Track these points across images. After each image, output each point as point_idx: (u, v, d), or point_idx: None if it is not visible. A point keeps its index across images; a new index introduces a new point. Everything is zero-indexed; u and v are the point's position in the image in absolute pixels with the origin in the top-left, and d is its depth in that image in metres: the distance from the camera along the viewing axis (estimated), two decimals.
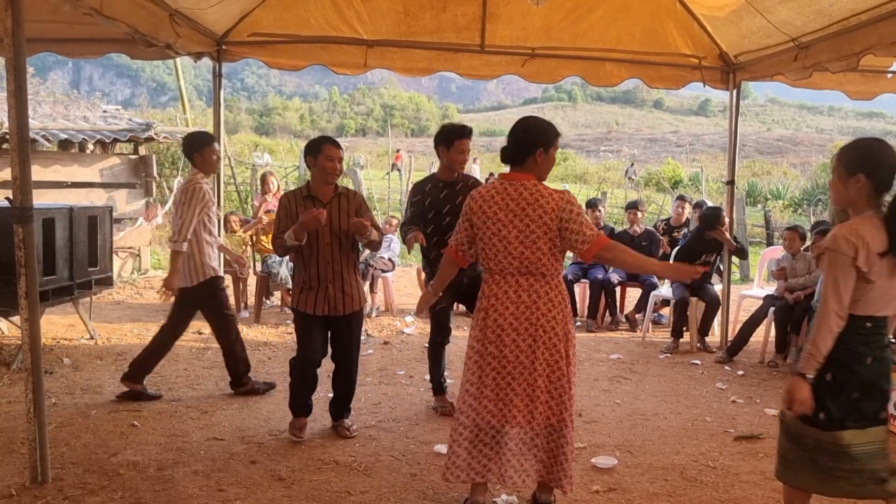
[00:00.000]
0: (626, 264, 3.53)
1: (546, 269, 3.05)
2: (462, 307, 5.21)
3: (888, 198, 2.60)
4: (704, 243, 6.70)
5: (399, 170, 17.45)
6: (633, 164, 33.49)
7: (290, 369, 4.25)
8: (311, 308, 4.06)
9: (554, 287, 3.09)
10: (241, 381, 4.97)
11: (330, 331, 4.18)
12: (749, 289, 8.10)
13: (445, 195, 4.53)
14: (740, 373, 5.91)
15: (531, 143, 3.09)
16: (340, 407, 4.34)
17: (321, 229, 3.94)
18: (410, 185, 21.07)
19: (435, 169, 5.15)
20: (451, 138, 4.52)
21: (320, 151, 4.02)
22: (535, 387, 3.07)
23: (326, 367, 4.28)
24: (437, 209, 4.53)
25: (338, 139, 4.30)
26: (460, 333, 6.76)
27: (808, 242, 6.72)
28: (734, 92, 6.72)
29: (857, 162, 2.59)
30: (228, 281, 7.39)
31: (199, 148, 4.72)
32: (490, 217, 3.06)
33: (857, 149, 2.64)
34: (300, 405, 4.25)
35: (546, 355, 3.08)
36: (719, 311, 6.89)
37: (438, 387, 4.78)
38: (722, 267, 7.08)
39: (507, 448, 3.09)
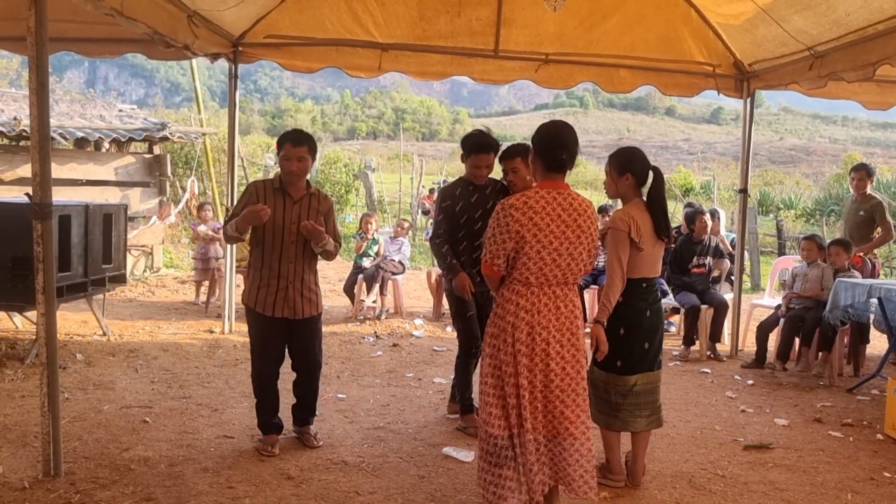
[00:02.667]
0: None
1: (577, 279, 3.10)
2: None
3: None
4: (693, 248, 6.75)
5: (427, 212, 17.43)
6: None
7: (252, 386, 4.02)
8: (269, 310, 3.83)
9: (577, 296, 3.15)
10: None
11: (289, 336, 3.95)
12: (760, 297, 8.07)
13: (476, 199, 4.32)
14: (750, 382, 5.89)
15: (575, 152, 3.10)
16: (305, 413, 4.13)
17: (288, 226, 3.77)
18: (421, 189, 21.05)
19: (444, 173, 5.13)
20: (469, 151, 4.27)
21: (280, 150, 3.83)
22: (579, 395, 3.07)
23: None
24: (468, 214, 4.31)
25: (349, 141, 4.25)
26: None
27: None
28: (748, 100, 6.71)
29: (626, 165, 3.52)
30: (239, 280, 7.44)
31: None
32: (542, 228, 2.94)
33: (624, 155, 3.57)
34: (269, 424, 4.02)
35: (581, 364, 3.09)
36: (729, 319, 6.87)
37: (467, 405, 4.48)
38: (733, 277, 7.06)
39: (567, 455, 3.01)
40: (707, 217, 6.88)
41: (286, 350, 4.02)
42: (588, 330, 3.66)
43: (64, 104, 10.87)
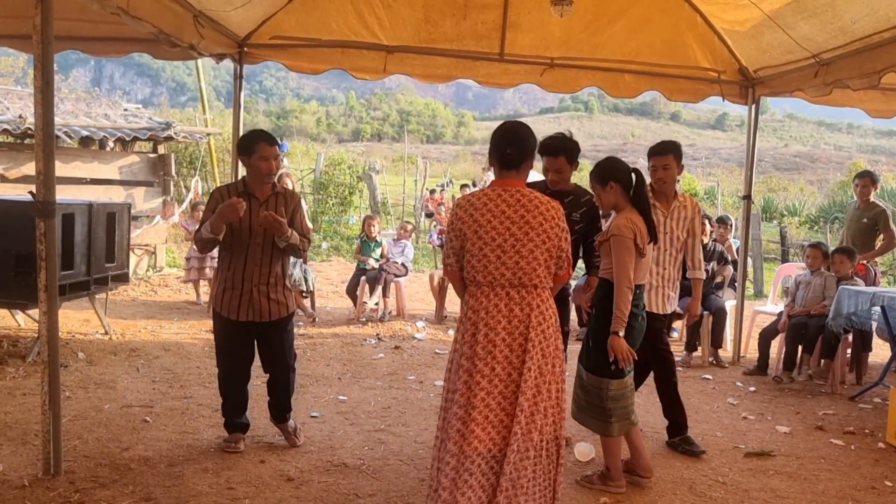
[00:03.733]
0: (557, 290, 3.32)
1: (539, 281, 2.90)
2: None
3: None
4: None
5: (430, 214, 17.43)
6: None
7: (218, 386, 3.98)
8: (233, 313, 3.77)
9: (545, 300, 2.93)
10: None
11: (257, 339, 3.90)
12: (763, 304, 8.05)
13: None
14: (752, 389, 5.87)
15: (533, 148, 3.08)
16: (279, 410, 4.07)
17: (254, 228, 3.72)
18: (426, 192, 21.00)
19: (448, 175, 5.11)
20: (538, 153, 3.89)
21: (253, 152, 3.73)
22: (528, 406, 2.83)
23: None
24: None
25: (354, 143, 4.21)
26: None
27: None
28: (753, 107, 6.70)
29: (607, 175, 3.53)
30: None
31: None
32: (483, 225, 2.86)
33: (603, 167, 3.59)
34: (234, 424, 3.98)
35: (536, 372, 2.86)
36: (731, 325, 6.85)
37: None
38: (736, 283, 7.05)
39: (499, 475, 2.79)
40: (712, 222, 6.87)
41: (255, 351, 3.97)
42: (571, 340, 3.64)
43: (69, 103, 10.90)
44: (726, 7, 5.79)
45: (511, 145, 2.96)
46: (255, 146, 3.73)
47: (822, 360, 6.01)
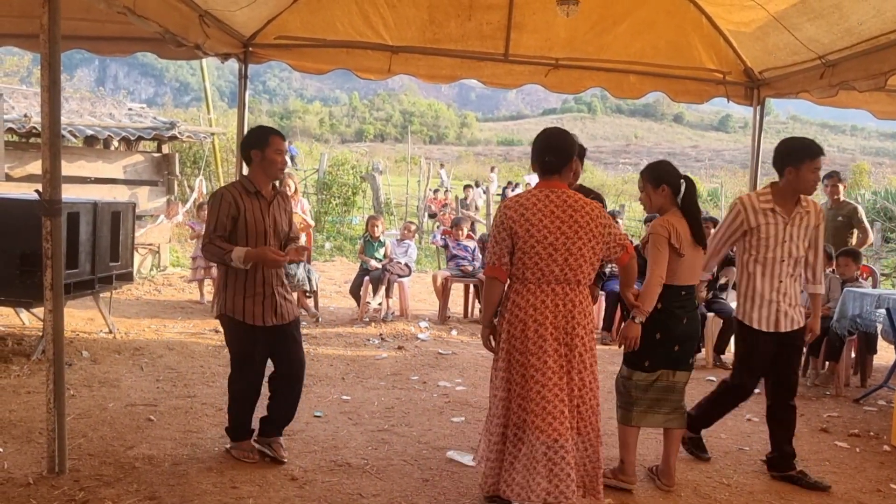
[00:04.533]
0: (628, 281, 3.53)
1: (583, 277, 3.13)
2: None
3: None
4: None
5: (433, 215, 17.46)
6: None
7: (230, 392, 3.82)
8: (259, 319, 3.63)
9: (586, 296, 3.18)
10: None
11: (273, 341, 3.75)
12: None
13: None
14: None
15: (572, 152, 3.26)
16: (281, 424, 3.90)
17: (268, 231, 3.64)
18: (429, 192, 20.98)
19: (447, 180, 5.10)
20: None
21: (268, 144, 3.63)
22: (576, 397, 3.13)
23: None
24: None
25: (357, 143, 4.17)
26: (466, 338, 6.78)
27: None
28: (758, 108, 6.69)
29: (661, 177, 3.63)
30: None
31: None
32: (535, 224, 3.07)
33: (657, 168, 3.68)
34: (246, 429, 3.86)
35: (580, 366, 3.14)
36: None
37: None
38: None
39: (564, 462, 3.03)
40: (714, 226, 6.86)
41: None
42: (602, 342, 3.66)
43: (74, 102, 10.92)
44: (732, 8, 5.78)
45: (550, 152, 3.20)
46: (269, 139, 3.66)
47: (827, 363, 5.99)
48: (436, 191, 20.67)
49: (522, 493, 3.05)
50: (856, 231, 6.93)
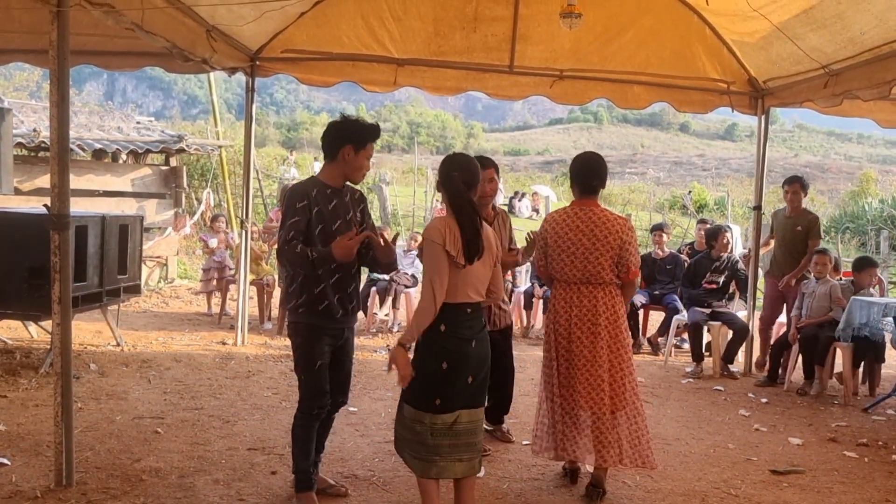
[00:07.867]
0: (623, 298, 3.89)
1: (604, 279, 3.67)
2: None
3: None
4: (709, 264, 6.79)
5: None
6: (689, 192, 33.45)
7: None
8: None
9: (610, 294, 3.69)
10: None
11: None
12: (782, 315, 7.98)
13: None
14: (764, 400, 5.83)
15: (605, 178, 3.78)
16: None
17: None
18: (436, 203, 21.08)
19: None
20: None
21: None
22: (597, 376, 3.64)
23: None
24: None
25: None
26: None
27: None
28: (763, 117, 6.70)
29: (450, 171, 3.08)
30: (253, 292, 7.49)
31: None
32: (561, 236, 3.70)
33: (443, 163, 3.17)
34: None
35: (606, 350, 3.65)
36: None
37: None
38: (748, 295, 7.01)
39: (584, 428, 3.70)
40: (729, 235, 6.86)
41: None
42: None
43: (82, 116, 11.02)
44: (735, 18, 5.80)
45: (596, 177, 3.75)
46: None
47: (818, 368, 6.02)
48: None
49: (578, 454, 3.75)
50: (810, 244, 6.39)
